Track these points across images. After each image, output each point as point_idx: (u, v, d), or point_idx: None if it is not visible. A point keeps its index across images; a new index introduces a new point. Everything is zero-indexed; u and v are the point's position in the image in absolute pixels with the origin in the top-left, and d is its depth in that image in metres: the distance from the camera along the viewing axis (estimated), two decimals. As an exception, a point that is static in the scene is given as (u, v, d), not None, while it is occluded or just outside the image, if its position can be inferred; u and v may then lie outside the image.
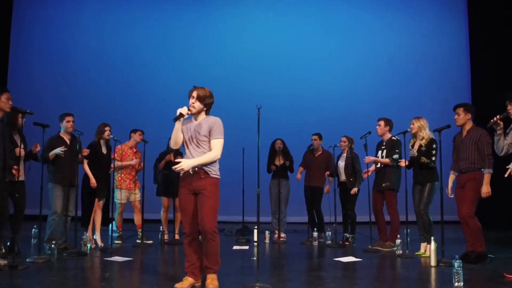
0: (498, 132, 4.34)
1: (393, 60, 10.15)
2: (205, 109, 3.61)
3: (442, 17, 10.42)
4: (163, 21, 10.35)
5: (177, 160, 3.44)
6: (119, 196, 6.33)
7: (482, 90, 9.44)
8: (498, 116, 4.25)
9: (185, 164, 3.42)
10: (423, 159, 5.24)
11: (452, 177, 5.07)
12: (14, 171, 4.70)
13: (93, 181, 5.67)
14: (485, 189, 4.61)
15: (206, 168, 3.48)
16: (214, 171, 3.52)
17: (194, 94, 3.57)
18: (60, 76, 10.09)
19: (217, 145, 3.49)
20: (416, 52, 10.21)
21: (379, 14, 10.40)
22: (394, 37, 10.27)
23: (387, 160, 5.77)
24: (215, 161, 3.53)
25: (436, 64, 10.22)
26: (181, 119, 3.49)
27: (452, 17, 10.46)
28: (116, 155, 6.29)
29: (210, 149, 3.50)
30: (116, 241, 6.20)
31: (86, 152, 5.51)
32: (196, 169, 3.46)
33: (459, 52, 10.33)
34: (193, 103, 3.55)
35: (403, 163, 5.46)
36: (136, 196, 6.47)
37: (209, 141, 3.50)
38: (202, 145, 3.50)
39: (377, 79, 10.09)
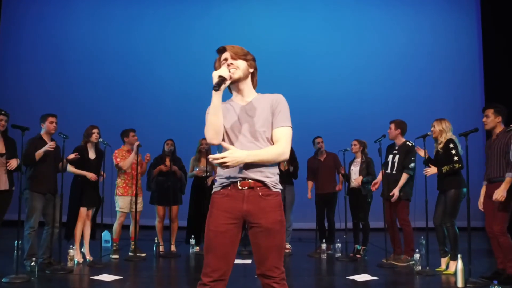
0: None
1: (402, 58, 9.67)
2: (251, 71, 2.23)
3: (453, 12, 9.95)
4: (160, 17, 9.90)
5: (226, 146, 2.05)
6: (122, 205, 5.71)
7: (495, 89, 8.97)
8: None
9: (232, 157, 1.99)
10: (444, 168, 4.71)
11: (484, 189, 4.48)
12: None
13: (89, 175, 5.15)
14: (500, 193, 4.04)
15: (267, 180, 2.09)
16: (277, 183, 2.15)
17: (227, 55, 2.19)
18: (50, 74, 9.62)
19: (284, 136, 2.11)
20: (426, 49, 9.72)
21: (387, 10, 9.93)
22: (403, 34, 9.79)
23: (405, 178, 5.20)
24: (277, 164, 2.17)
25: (447, 61, 9.74)
26: (223, 86, 2.09)
27: (464, 12, 9.98)
28: (118, 158, 5.72)
29: (270, 143, 2.14)
30: (112, 256, 5.58)
31: (72, 156, 4.97)
32: (250, 180, 2.07)
33: (471, 49, 9.86)
34: (232, 63, 2.16)
35: (430, 172, 4.87)
36: (139, 205, 5.80)
37: (266, 131, 2.13)
38: (260, 138, 2.11)
39: (385, 78, 9.59)
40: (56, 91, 9.42)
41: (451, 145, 4.71)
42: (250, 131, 2.11)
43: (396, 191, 5.19)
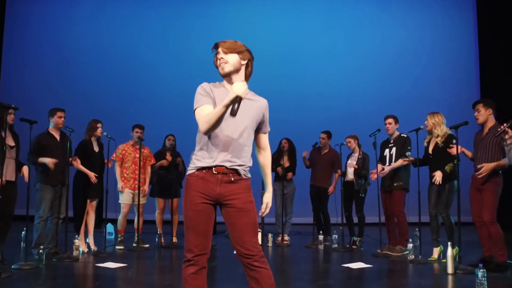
0: (508, 142, 4.00)
1: (401, 55, 9.85)
2: (243, 63, 2.34)
3: (449, 10, 10.13)
4: (161, 17, 10.09)
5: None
6: (123, 197, 5.94)
7: (491, 85, 9.13)
8: (505, 124, 3.93)
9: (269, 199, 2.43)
10: (448, 167, 4.77)
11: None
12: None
13: (91, 175, 5.30)
14: (488, 166, 4.23)
15: (239, 168, 2.28)
16: (247, 171, 2.34)
17: (220, 50, 2.33)
18: (54, 73, 9.82)
19: (268, 143, 2.51)
20: (424, 47, 9.91)
21: (385, 8, 10.12)
22: (401, 32, 9.97)
23: (400, 162, 5.40)
24: (250, 161, 2.37)
25: (444, 58, 9.92)
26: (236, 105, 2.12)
27: (460, 10, 10.16)
28: (115, 155, 5.94)
29: (249, 136, 2.34)
30: (117, 247, 5.77)
31: (75, 160, 5.22)
32: (224, 167, 2.25)
33: (467, 46, 10.03)
34: (222, 58, 2.31)
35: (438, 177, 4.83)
36: (142, 199, 6.00)
37: (249, 126, 2.32)
38: (240, 130, 2.28)
39: (384, 75, 9.78)
40: (59, 89, 9.58)
41: (454, 142, 4.70)
42: (235, 121, 2.22)
43: (387, 169, 5.40)
